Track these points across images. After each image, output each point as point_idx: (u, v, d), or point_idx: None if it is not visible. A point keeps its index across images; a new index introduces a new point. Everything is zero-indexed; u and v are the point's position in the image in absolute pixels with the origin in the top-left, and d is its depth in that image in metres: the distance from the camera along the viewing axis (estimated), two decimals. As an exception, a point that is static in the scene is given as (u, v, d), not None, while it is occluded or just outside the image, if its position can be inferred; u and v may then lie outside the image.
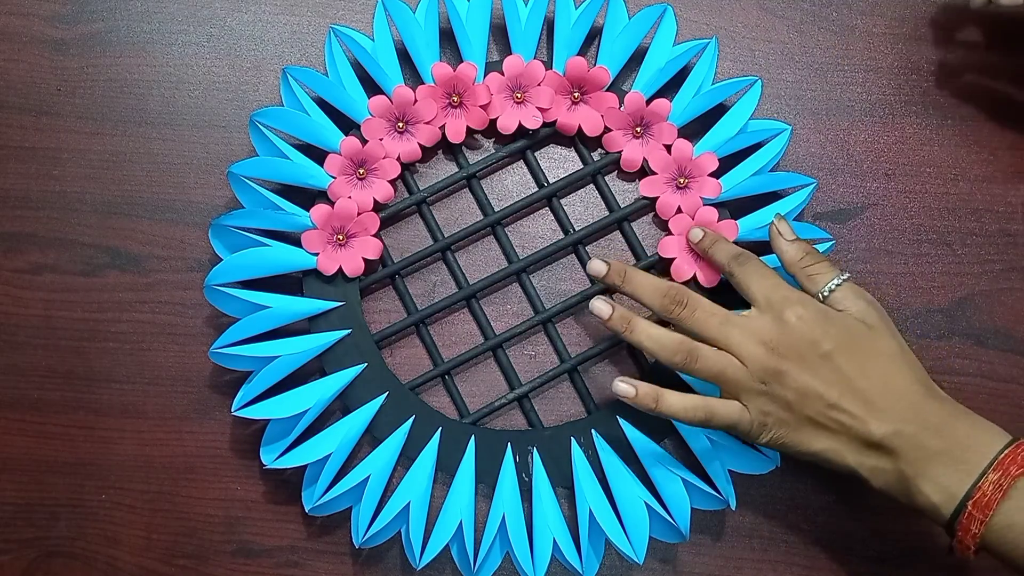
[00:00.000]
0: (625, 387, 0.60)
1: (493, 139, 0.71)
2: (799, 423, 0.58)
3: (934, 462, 0.56)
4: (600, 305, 0.61)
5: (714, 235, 0.65)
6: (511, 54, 0.69)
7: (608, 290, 0.67)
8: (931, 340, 0.70)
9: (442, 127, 0.69)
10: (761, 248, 0.68)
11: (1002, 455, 0.55)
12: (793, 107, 0.72)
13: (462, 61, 0.69)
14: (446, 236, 0.69)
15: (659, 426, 0.66)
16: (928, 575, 0.68)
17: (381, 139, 0.68)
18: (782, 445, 0.59)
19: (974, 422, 0.58)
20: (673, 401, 0.59)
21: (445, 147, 0.71)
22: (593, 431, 0.67)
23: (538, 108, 0.69)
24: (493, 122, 0.69)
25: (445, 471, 0.67)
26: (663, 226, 0.69)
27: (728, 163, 0.68)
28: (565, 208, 0.70)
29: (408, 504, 0.64)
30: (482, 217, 0.70)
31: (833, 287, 0.60)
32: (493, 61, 0.70)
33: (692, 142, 0.69)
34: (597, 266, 0.63)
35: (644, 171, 0.70)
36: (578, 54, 0.69)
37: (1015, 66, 0.72)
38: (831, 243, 0.67)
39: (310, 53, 0.72)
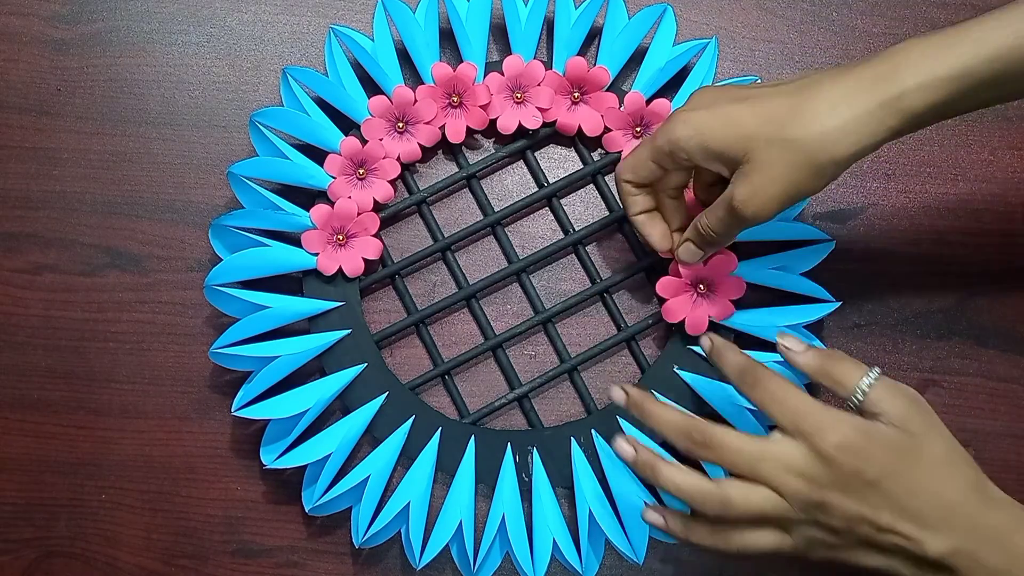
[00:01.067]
0: (625, 448, 0.57)
1: (493, 139, 0.71)
2: (850, 545, 0.54)
3: None
4: (624, 447, 0.57)
5: (722, 344, 0.58)
6: (511, 54, 0.69)
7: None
8: (931, 340, 0.70)
9: (442, 127, 0.69)
10: (762, 248, 0.68)
11: None
12: (793, 107, 0.72)
13: (462, 61, 0.69)
14: (446, 236, 0.69)
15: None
16: (928, 575, 0.68)
17: (381, 139, 0.68)
18: (832, 560, 0.55)
19: None
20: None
21: (445, 147, 0.71)
22: (593, 431, 0.67)
23: (538, 108, 0.69)
24: (493, 122, 0.69)
25: (445, 471, 0.67)
26: (663, 226, 0.69)
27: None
28: (565, 208, 0.70)
29: (408, 504, 0.64)
30: (482, 217, 0.70)
31: (866, 388, 0.54)
32: (493, 61, 0.70)
33: (692, 142, 0.69)
34: (616, 395, 0.58)
35: (644, 171, 0.70)
36: (578, 54, 0.69)
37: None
38: (831, 243, 0.67)
39: (310, 53, 0.72)
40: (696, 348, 0.66)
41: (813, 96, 0.54)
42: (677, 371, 0.67)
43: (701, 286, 0.66)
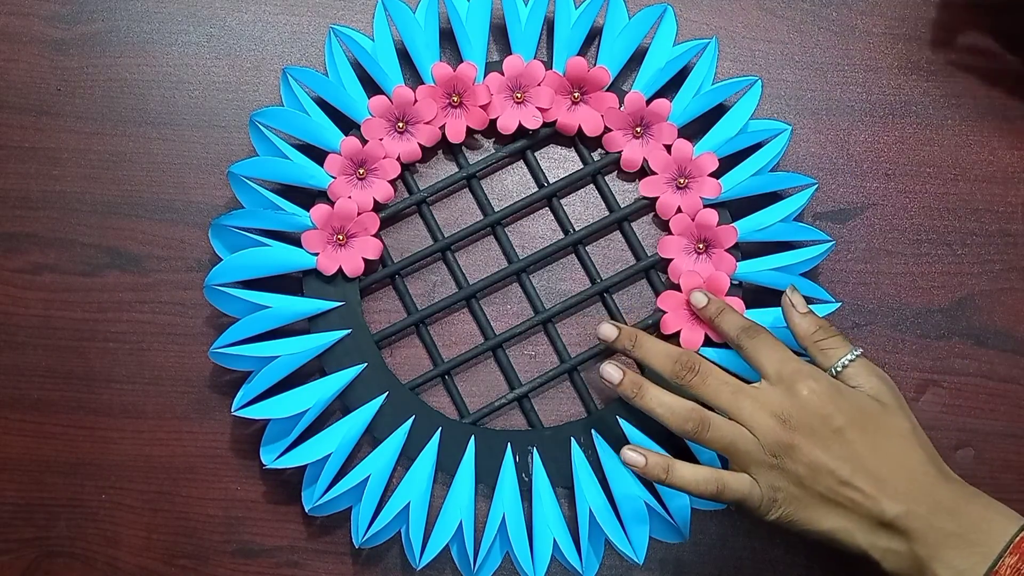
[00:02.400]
0: (634, 456, 0.59)
1: (493, 139, 0.71)
2: (810, 499, 0.57)
3: (948, 545, 0.55)
4: (610, 370, 0.60)
5: (719, 303, 0.64)
6: (511, 54, 0.69)
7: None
8: (931, 340, 0.70)
9: (442, 127, 0.69)
10: (762, 248, 0.68)
11: (1017, 538, 0.54)
12: (793, 107, 0.72)
13: (462, 61, 0.69)
14: (446, 236, 0.69)
15: (659, 427, 0.66)
16: (928, 575, 0.68)
17: (381, 139, 0.68)
18: (791, 523, 0.58)
19: (987, 504, 0.57)
20: (685, 473, 0.59)
21: (445, 147, 0.71)
22: (593, 431, 0.67)
23: (538, 108, 0.69)
24: (493, 122, 0.69)
25: (445, 471, 0.67)
26: (663, 226, 0.69)
27: (728, 163, 0.68)
28: (565, 208, 0.70)
29: (408, 504, 0.64)
30: (482, 217, 0.70)
31: (846, 363, 0.59)
32: (493, 61, 0.70)
33: (692, 142, 0.69)
34: (607, 331, 0.62)
35: (644, 171, 0.70)
36: (578, 54, 0.69)
37: (1015, 66, 0.72)
38: (831, 243, 0.67)
39: (310, 53, 0.72)
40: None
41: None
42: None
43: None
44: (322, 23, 0.72)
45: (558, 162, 0.71)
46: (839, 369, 0.59)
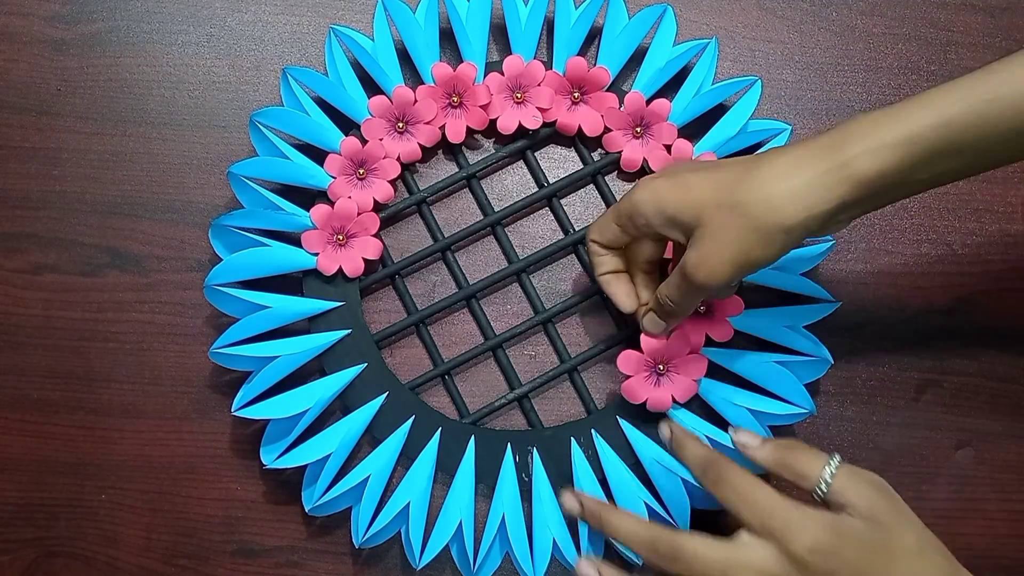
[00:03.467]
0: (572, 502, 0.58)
1: (493, 139, 0.71)
2: None
3: None
4: (569, 503, 0.59)
5: (682, 435, 0.58)
6: (511, 54, 0.69)
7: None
8: (931, 340, 0.70)
9: (442, 127, 0.69)
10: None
11: None
12: (793, 107, 0.72)
13: (462, 61, 0.69)
14: (446, 236, 0.69)
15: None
16: (928, 575, 0.68)
17: (381, 139, 0.68)
18: None
19: None
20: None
21: (445, 147, 0.71)
22: (593, 431, 0.67)
23: (538, 108, 0.69)
24: (493, 122, 0.69)
25: (445, 471, 0.67)
26: (663, 226, 0.69)
27: (728, 163, 0.68)
28: (565, 208, 0.70)
29: (408, 504, 0.64)
30: (482, 217, 0.70)
31: (829, 479, 0.52)
32: (493, 61, 0.70)
33: (692, 142, 0.69)
34: (569, 504, 0.59)
35: (644, 171, 0.70)
36: (578, 54, 0.69)
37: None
38: (831, 243, 0.67)
39: (310, 53, 0.72)
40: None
41: (763, 164, 0.54)
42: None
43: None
44: (322, 23, 0.72)
45: (558, 162, 0.71)
46: (824, 490, 0.52)
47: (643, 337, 0.65)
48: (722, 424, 0.65)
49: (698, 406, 0.66)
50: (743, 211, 0.54)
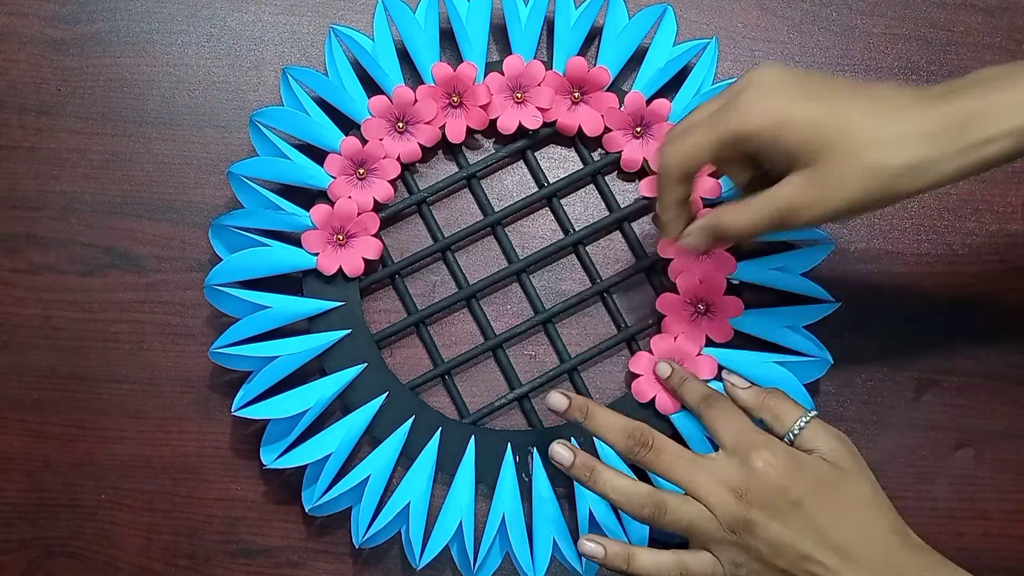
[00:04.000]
0: (593, 547, 0.58)
1: (493, 139, 0.71)
2: (772, 574, 0.56)
3: None
4: (561, 451, 0.58)
5: (683, 372, 0.64)
6: (511, 54, 0.69)
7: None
8: (931, 340, 0.70)
9: (442, 127, 0.69)
10: (762, 248, 0.68)
11: None
12: (793, 107, 0.72)
13: (462, 61, 0.69)
14: (446, 236, 0.69)
15: (659, 427, 0.66)
16: (928, 575, 0.68)
17: (381, 139, 0.68)
18: None
19: (952, 572, 0.56)
20: (646, 560, 0.57)
21: (445, 147, 0.71)
22: (593, 431, 0.67)
23: (538, 108, 0.69)
24: (493, 122, 0.69)
25: (445, 471, 0.67)
26: (663, 226, 0.69)
27: (728, 163, 0.68)
28: (565, 208, 0.70)
29: (408, 504, 0.64)
30: (482, 217, 0.70)
31: (801, 425, 0.58)
32: (493, 61, 0.70)
33: (692, 142, 0.69)
34: (557, 400, 0.59)
35: (644, 171, 0.70)
36: (578, 54, 0.69)
37: (1015, 66, 0.72)
38: (831, 243, 0.67)
39: (310, 53, 0.72)
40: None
41: (901, 124, 0.52)
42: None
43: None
44: (322, 23, 0.72)
45: (558, 162, 0.71)
46: (795, 433, 0.58)
47: (653, 340, 0.65)
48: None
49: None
50: (874, 172, 0.51)
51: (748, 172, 0.58)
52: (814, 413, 0.59)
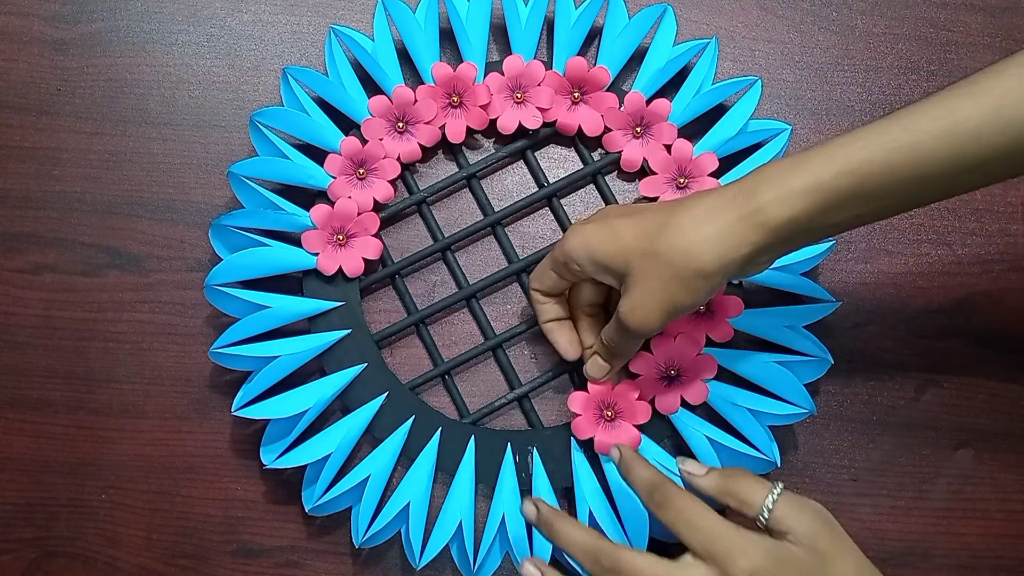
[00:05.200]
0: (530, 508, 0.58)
1: (493, 139, 0.71)
2: None
3: None
4: (527, 509, 0.58)
5: (630, 458, 0.58)
6: (511, 54, 0.69)
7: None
8: (931, 340, 0.70)
9: (442, 127, 0.69)
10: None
11: None
12: (793, 107, 0.72)
13: (462, 61, 0.69)
14: (446, 236, 0.69)
15: (659, 427, 0.66)
16: (928, 575, 0.68)
17: (381, 139, 0.68)
18: None
19: None
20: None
21: (445, 147, 0.71)
22: (593, 431, 0.67)
23: (538, 108, 0.69)
24: (493, 122, 0.69)
25: (445, 471, 0.67)
26: (663, 226, 0.69)
27: (728, 163, 0.68)
28: (565, 208, 0.70)
29: (408, 504, 0.64)
30: (482, 217, 0.70)
31: (771, 506, 0.53)
32: (493, 61, 0.70)
33: (692, 142, 0.69)
34: (527, 509, 0.58)
35: (644, 171, 0.70)
36: (578, 54, 0.69)
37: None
38: (831, 243, 0.67)
39: (310, 53, 0.72)
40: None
41: (681, 212, 0.55)
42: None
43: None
44: (322, 23, 0.72)
45: (558, 162, 0.71)
46: (767, 517, 0.53)
47: (653, 340, 0.65)
48: (723, 424, 0.65)
49: (698, 406, 0.66)
50: (664, 260, 0.55)
51: (601, 290, 0.63)
52: (780, 487, 0.54)
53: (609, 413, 0.65)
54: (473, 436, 0.67)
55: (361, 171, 0.68)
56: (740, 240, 0.54)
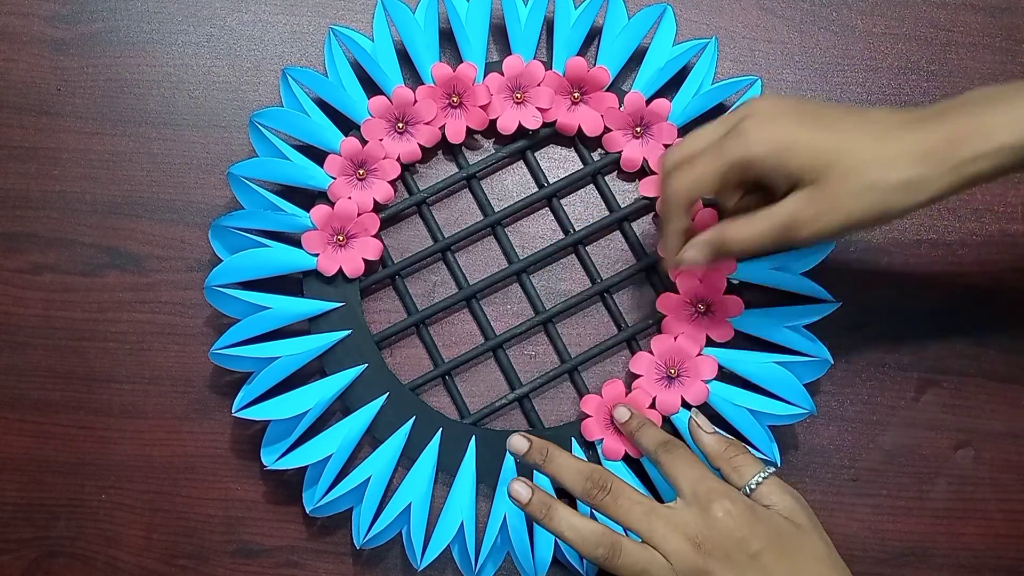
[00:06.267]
0: (520, 488, 0.57)
1: (493, 139, 0.71)
2: None
3: None
4: (518, 489, 0.57)
5: (640, 418, 0.63)
6: (511, 54, 0.69)
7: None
8: (931, 340, 0.70)
9: (442, 127, 0.69)
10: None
11: None
12: (793, 107, 0.72)
13: (462, 61, 0.69)
14: (446, 236, 0.69)
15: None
16: (928, 575, 0.68)
17: (381, 140, 0.68)
18: None
19: None
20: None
21: (445, 147, 0.71)
22: (593, 431, 0.67)
23: (538, 108, 0.69)
24: (493, 122, 0.69)
25: (446, 471, 0.67)
26: (663, 226, 0.69)
27: (728, 163, 0.68)
28: (565, 208, 0.70)
29: (409, 505, 0.64)
30: (482, 217, 0.70)
31: (760, 480, 0.57)
32: (493, 61, 0.70)
33: (692, 142, 0.69)
34: (518, 443, 0.59)
35: (644, 171, 0.70)
36: (578, 54, 0.69)
37: (1016, 66, 0.72)
38: (831, 243, 0.67)
39: (310, 53, 0.72)
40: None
41: (896, 145, 0.55)
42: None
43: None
44: (322, 23, 0.72)
45: (558, 162, 0.71)
46: (752, 487, 0.57)
47: (654, 340, 0.64)
48: (723, 424, 0.66)
49: (699, 406, 0.66)
50: (873, 189, 0.54)
51: (739, 195, 0.62)
52: (772, 470, 0.58)
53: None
54: (474, 436, 0.67)
55: (361, 172, 0.68)
56: (946, 186, 0.54)
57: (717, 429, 0.61)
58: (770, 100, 0.58)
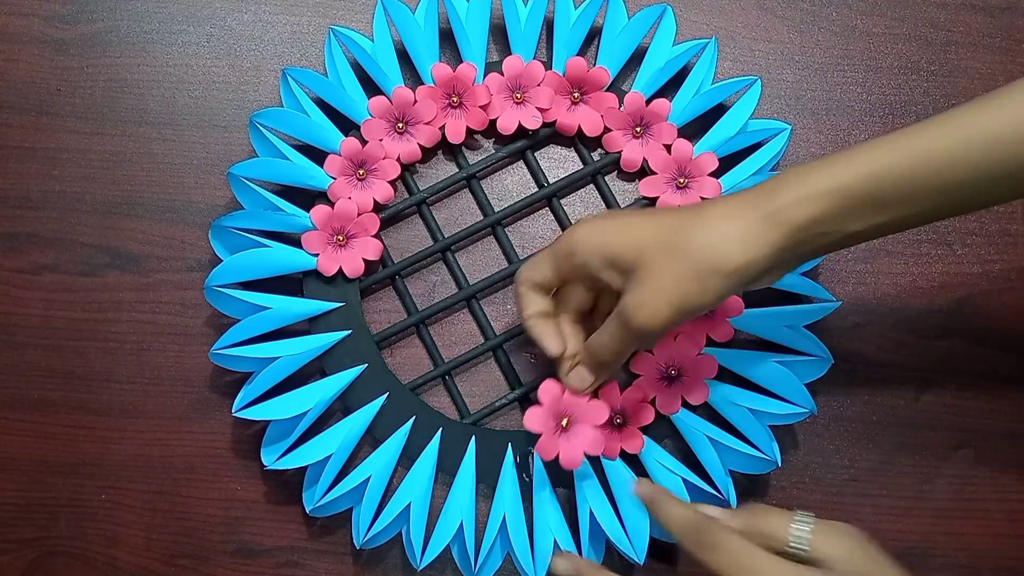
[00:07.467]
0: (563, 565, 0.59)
1: (493, 139, 0.71)
2: None
3: None
4: (559, 563, 0.60)
5: (660, 495, 0.57)
6: (511, 54, 0.69)
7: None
8: (931, 340, 0.70)
9: (442, 127, 0.69)
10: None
11: None
12: (793, 107, 0.72)
13: (462, 61, 0.69)
14: (446, 236, 0.69)
15: (659, 427, 0.66)
16: (928, 575, 0.68)
17: (381, 140, 0.68)
18: None
19: None
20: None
21: (445, 147, 0.71)
22: (593, 431, 0.67)
23: (538, 108, 0.69)
24: (493, 122, 0.69)
25: (446, 471, 0.67)
26: (663, 226, 0.69)
27: (728, 163, 0.68)
28: (565, 208, 0.70)
29: (409, 505, 0.64)
30: (482, 217, 0.70)
31: (802, 536, 0.53)
32: (493, 61, 0.70)
33: (692, 142, 0.69)
34: (561, 567, 0.60)
35: (644, 171, 0.70)
36: (578, 54, 0.69)
37: (1016, 66, 0.72)
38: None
39: (310, 53, 0.72)
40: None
41: (705, 210, 0.55)
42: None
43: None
44: (322, 23, 0.72)
45: (558, 162, 0.71)
46: (807, 549, 0.52)
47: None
48: (723, 424, 0.66)
49: (699, 406, 0.66)
50: (684, 254, 0.54)
51: (584, 291, 0.61)
52: (805, 515, 0.53)
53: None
54: (474, 436, 0.67)
55: (361, 172, 0.68)
56: (763, 239, 0.53)
57: (726, 509, 0.55)
58: (596, 213, 0.63)
